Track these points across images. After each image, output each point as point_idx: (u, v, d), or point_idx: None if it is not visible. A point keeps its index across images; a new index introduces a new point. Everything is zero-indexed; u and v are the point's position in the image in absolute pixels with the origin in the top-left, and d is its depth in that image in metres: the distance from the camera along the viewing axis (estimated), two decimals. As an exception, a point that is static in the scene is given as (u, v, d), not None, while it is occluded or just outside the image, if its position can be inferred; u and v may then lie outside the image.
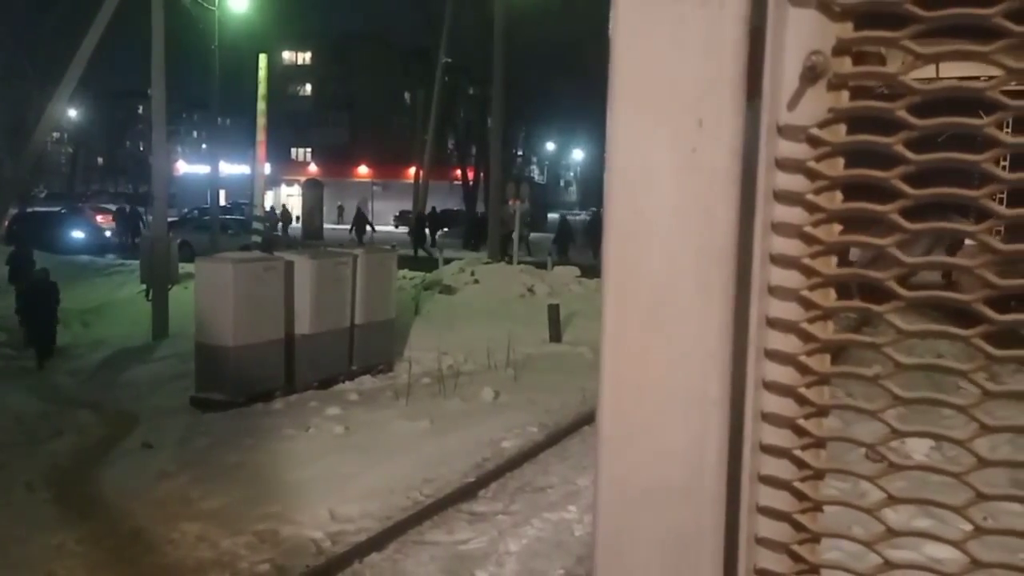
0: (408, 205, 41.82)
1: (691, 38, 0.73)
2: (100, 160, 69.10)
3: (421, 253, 26.82)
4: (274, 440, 8.05)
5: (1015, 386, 0.71)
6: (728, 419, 0.75)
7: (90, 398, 10.39)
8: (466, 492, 6.91)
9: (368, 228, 32.29)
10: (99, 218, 32.33)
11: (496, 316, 14.35)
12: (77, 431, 8.91)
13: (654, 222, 0.76)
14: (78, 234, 29.16)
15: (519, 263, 20.04)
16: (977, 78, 0.78)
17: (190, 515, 6.32)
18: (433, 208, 33.90)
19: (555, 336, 13.63)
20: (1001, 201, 0.74)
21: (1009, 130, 0.72)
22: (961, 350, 0.69)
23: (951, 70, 1.22)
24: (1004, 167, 0.69)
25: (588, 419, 8.37)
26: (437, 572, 5.63)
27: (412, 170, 42.03)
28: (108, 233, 30.95)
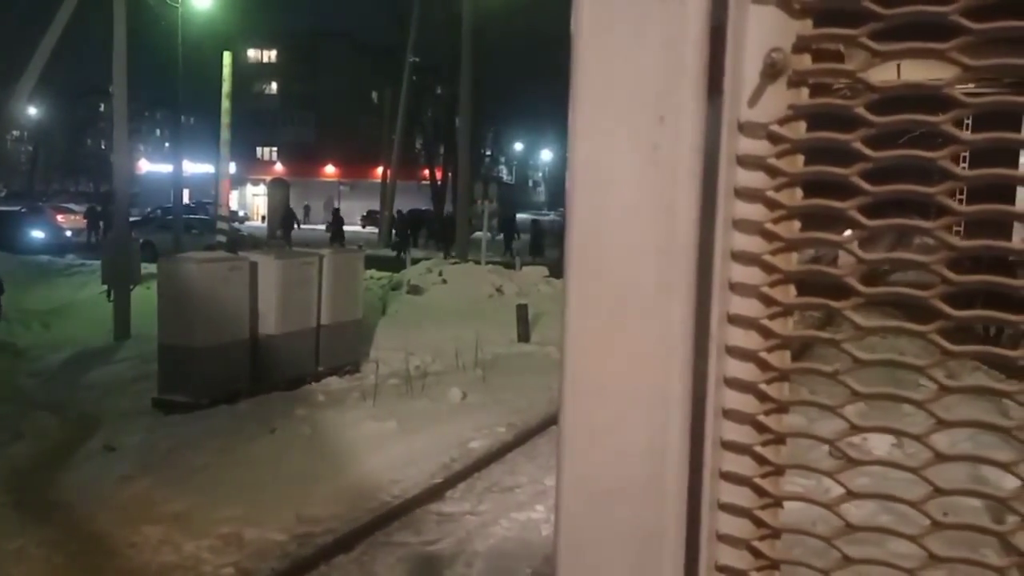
0: (375, 205, 41.60)
1: (652, 35, 0.73)
2: (61, 158, 67.93)
3: (403, 255, 25.21)
4: (239, 442, 7.95)
5: (972, 382, 0.71)
6: (689, 416, 0.75)
7: (51, 400, 10.20)
8: (434, 493, 6.89)
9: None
10: (60, 217, 31.79)
11: (464, 316, 14.34)
12: (37, 434, 8.74)
13: (615, 219, 0.75)
14: (38, 234, 28.66)
15: (487, 263, 20.01)
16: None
17: (153, 518, 6.23)
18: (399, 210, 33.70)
19: (523, 336, 13.63)
20: (960, 199, 0.75)
21: (969, 127, 0.73)
22: (923, 347, 0.70)
23: (914, 69, 1.23)
24: (964, 166, 0.70)
25: (555, 419, 8.37)
26: (405, 573, 5.60)
27: (380, 170, 41.84)
28: (69, 233, 30.45)
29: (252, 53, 63.76)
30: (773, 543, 0.76)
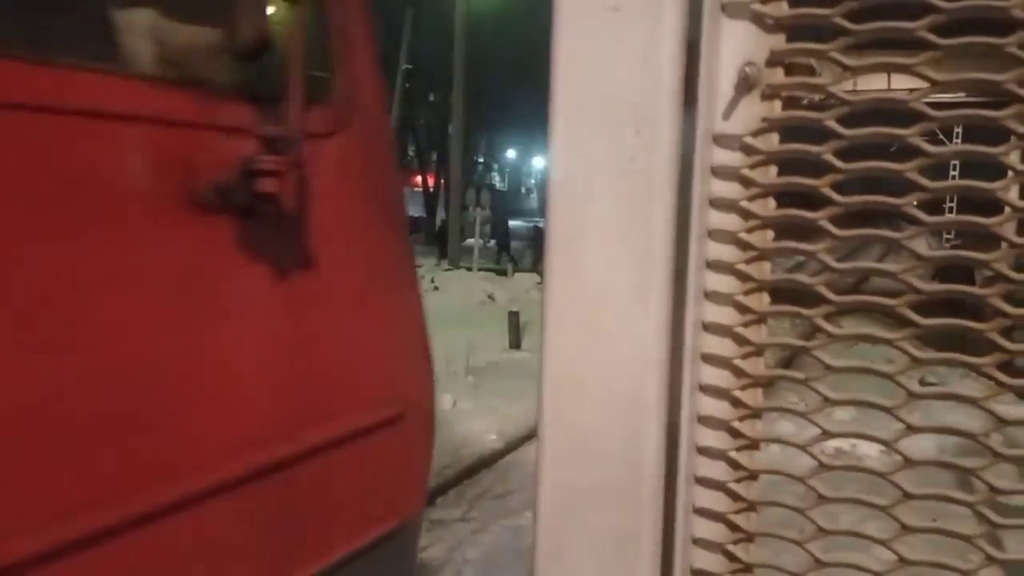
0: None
1: (629, 50, 0.75)
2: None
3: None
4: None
5: (941, 387, 0.73)
6: (665, 421, 0.76)
7: None
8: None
9: None
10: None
11: (456, 323, 14.30)
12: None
13: (594, 229, 0.77)
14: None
15: (480, 269, 20.03)
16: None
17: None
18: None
19: (515, 343, 13.64)
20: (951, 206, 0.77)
21: (958, 138, 0.75)
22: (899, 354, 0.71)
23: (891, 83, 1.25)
24: (954, 176, 0.71)
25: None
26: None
27: (372, 176, 41.65)
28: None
29: (245, 59, 63.67)
30: (747, 547, 0.77)
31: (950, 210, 0.80)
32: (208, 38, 1.21)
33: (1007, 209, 0.68)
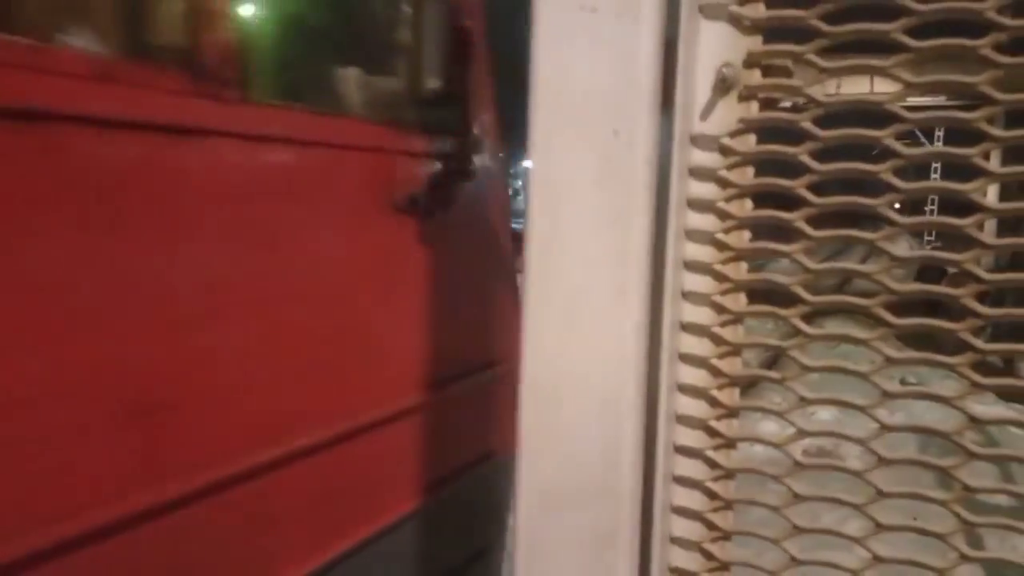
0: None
1: (607, 51, 0.75)
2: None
3: None
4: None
5: (918, 387, 0.74)
6: (643, 421, 0.77)
7: None
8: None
9: None
10: None
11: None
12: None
13: (572, 229, 0.77)
14: None
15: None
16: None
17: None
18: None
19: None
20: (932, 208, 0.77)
21: (940, 140, 0.76)
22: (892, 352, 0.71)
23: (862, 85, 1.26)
24: (935, 178, 0.72)
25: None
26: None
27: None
28: None
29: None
30: (724, 545, 0.78)
31: (932, 212, 0.81)
32: (398, 88, 1.77)
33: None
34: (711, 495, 0.77)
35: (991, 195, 0.73)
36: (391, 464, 1.70)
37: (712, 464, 0.77)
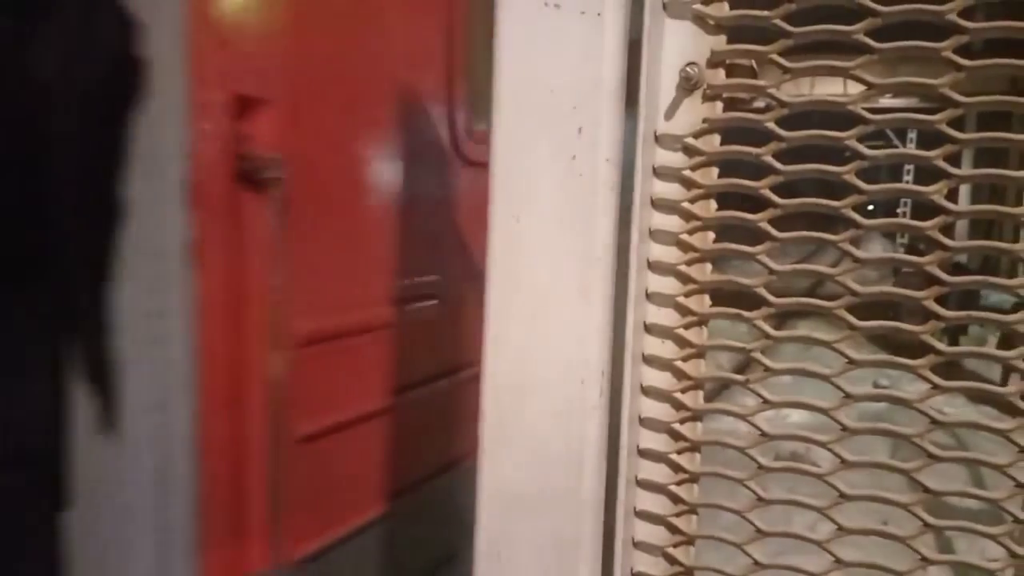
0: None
1: (570, 48, 0.74)
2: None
3: None
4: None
5: (880, 390, 0.74)
6: (607, 424, 0.76)
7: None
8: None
9: None
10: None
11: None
12: None
13: (535, 227, 0.76)
14: None
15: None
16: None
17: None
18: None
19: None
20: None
21: (912, 143, 0.75)
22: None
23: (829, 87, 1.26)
24: (908, 180, 0.72)
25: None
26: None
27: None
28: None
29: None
30: (688, 550, 0.77)
31: (904, 214, 0.81)
32: None
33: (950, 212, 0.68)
34: (675, 499, 0.76)
35: (964, 198, 0.73)
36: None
37: (676, 468, 0.76)
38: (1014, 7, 0.75)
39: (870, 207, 0.75)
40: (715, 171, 0.75)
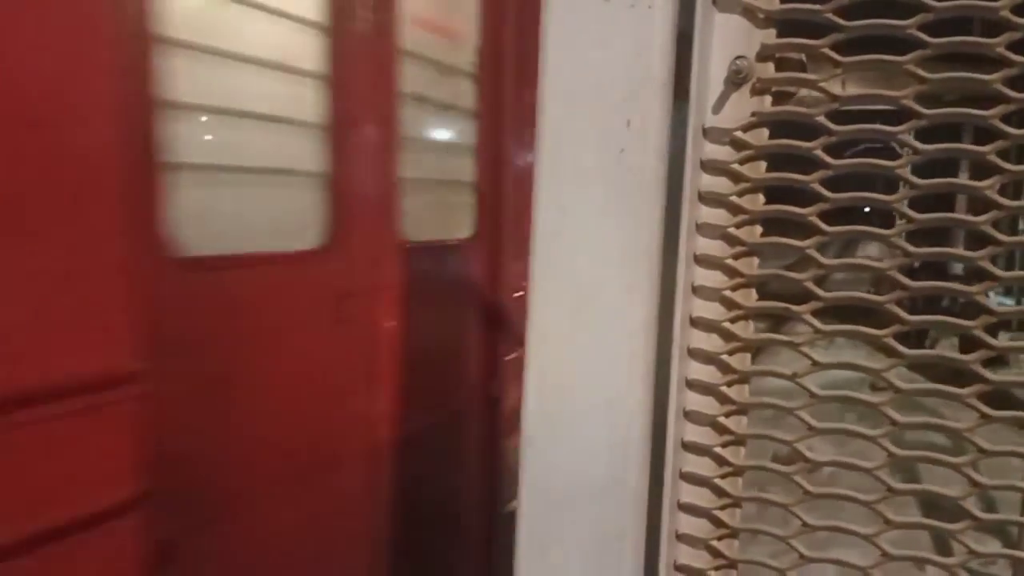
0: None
1: (620, 40, 0.74)
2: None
3: None
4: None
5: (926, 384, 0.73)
6: (651, 417, 0.76)
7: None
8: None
9: None
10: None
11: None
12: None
13: (582, 220, 0.76)
14: None
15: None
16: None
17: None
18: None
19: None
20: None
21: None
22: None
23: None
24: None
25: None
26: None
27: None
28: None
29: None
30: (731, 543, 0.77)
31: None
32: None
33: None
34: (719, 492, 0.76)
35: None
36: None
37: (721, 461, 0.76)
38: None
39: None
40: (763, 164, 0.75)
